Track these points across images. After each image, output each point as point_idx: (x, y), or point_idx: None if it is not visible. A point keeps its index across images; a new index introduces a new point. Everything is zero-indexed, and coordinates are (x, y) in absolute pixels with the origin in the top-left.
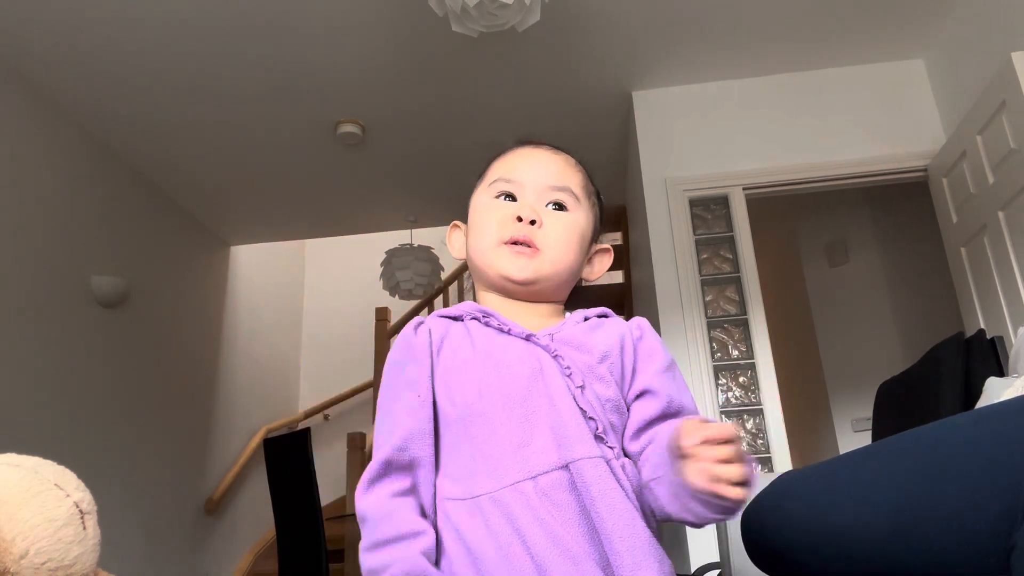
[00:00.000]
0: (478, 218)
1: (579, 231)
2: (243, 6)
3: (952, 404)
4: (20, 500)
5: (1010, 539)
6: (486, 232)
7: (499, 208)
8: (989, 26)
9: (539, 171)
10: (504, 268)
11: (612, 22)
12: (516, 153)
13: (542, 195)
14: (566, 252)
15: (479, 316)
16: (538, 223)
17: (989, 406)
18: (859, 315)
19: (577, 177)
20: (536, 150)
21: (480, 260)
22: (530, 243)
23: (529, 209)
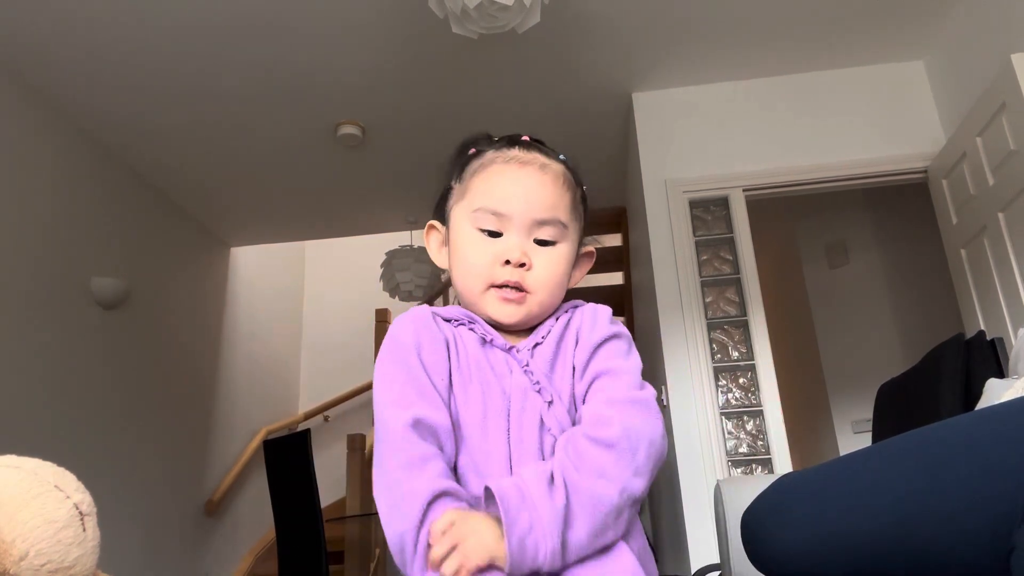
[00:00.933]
0: (462, 251)
1: (566, 262)
2: (243, 8)
3: (952, 405)
4: (20, 502)
5: (1010, 540)
6: (472, 271)
7: (485, 246)
8: (989, 27)
9: (527, 204)
10: (494, 313)
11: (612, 24)
12: (502, 171)
13: (529, 231)
14: (554, 289)
15: (466, 322)
16: (527, 265)
17: (989, 407)
18: (859, 316)
19: (566, 199)
20: (523, 170)
21: (468, 298)
22: (520, 286)
23: (518, 250)
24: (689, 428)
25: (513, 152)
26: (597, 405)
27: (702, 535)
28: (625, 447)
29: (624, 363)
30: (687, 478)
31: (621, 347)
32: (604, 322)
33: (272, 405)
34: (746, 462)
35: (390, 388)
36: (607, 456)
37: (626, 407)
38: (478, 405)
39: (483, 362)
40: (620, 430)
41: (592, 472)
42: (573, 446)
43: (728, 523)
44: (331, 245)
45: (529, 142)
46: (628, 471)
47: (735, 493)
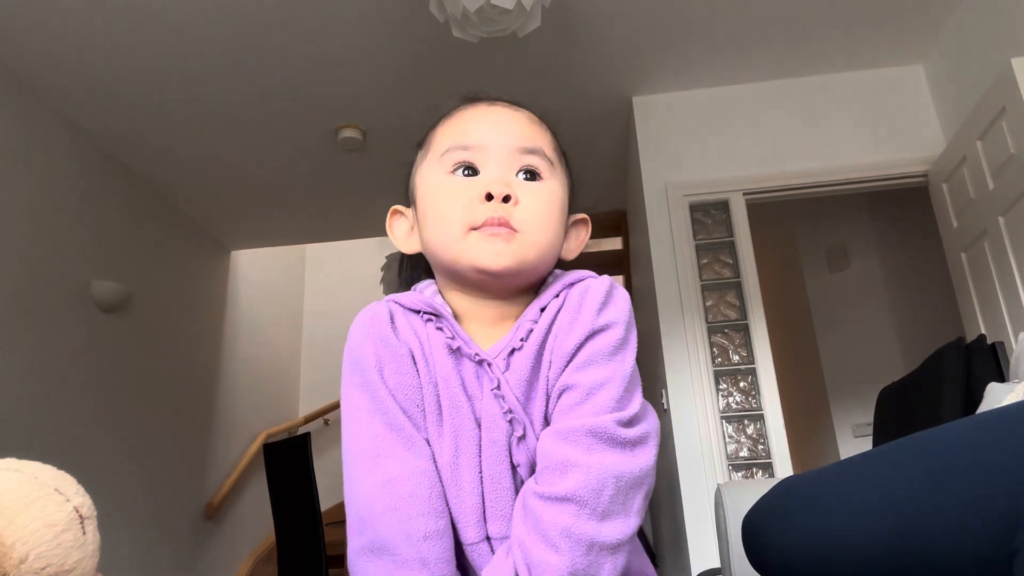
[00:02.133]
0: (433, 201)
1: (559, 203)
2: (243, 11)
3: (953, 409)
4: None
5: (1012, 544)
6: (448, 218)
7: (460, 186)
8: (989, 31)
9: (503, 131)
10: (478, 258)
11: (612, 27)
12: (468, 112)
13: (511, 161)
14: (548, 230)
15: (432, 318)
16: (512, 199)
17: (990, 411)
18: (860, 320)
19: (547, 136)
20: (492, 107)
21: (446, 254)
22: (506, 223)
23: (500, 183)
24: (689, 432)
25: (482, 100)
26: (550, 442)
27: (703, 539)
28: (584, 495)
29: (600, 370)
30: (687, 482)
31: (603, 345)
32: (591, 309)
33: (272, 408)
34: (747, 466)
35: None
36: (564, 513)
37: (584, 441)
38: (450, 439)
39: (452, 378)
40: (578, 477)
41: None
42: (528, 510)
43: (729, 527)
44: (331, 248)
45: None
46: (593, 520)
47: (736, 497)
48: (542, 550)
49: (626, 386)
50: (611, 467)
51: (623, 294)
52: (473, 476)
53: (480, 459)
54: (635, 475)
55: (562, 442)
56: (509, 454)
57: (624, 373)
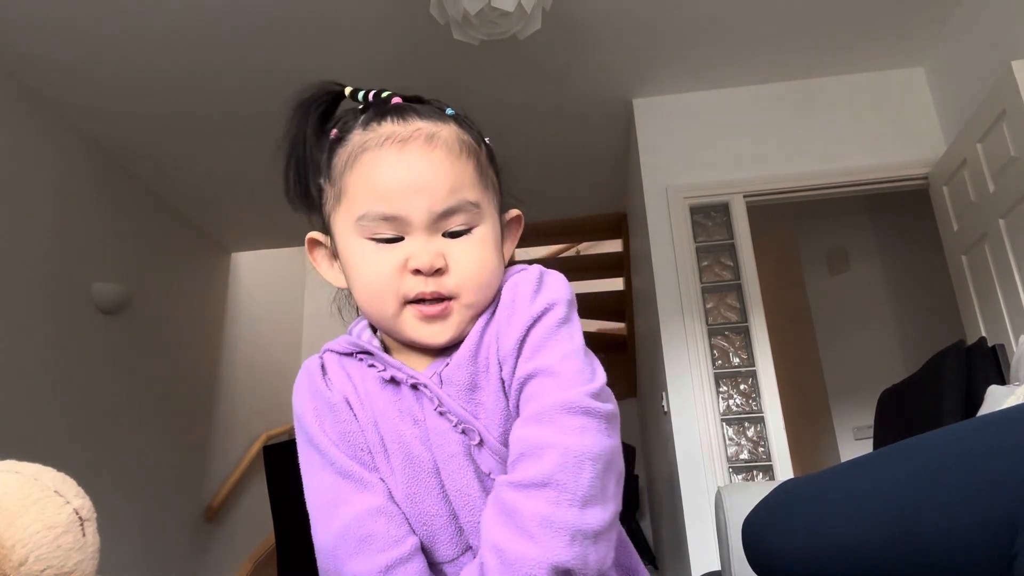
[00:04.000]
0: (357, 270)
1: (491, 242)
2: (245, 14)
3: (953, 412)
4: (19, 507)
5: (1011, 548)
6: (379, 293)
7: (384, 258)
8: (989, 34)
9: (421, 196)
10: (417, 337)
11: (613, 30)
12: (378, 159)
13: (435, 227)
14: (485, 282)
15: (362, 357)
16: (444, 269)
17: (990, 414)
18: (860, 323)
19: (469, 170)
20: (404, 151)
21: (382, 325)
22: (440, 296)
23: (427, 255)
24: (690, 434)
25: (386, 127)
26: (522, 428)
27: (703, 542)
28: (562, 479)
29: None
30: (688, 484)
31: (547, 327)
32: (525, 299)
33: (272, 410)
34: (747, 468)
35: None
36: (542, 501)
37: (558, 419)
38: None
39: (390, 412)
40: (554, 458)
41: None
42: (502, 504)
43: (729, 530)
44: None
45: (402, 105)
46: (575, 507)
47: (736, 500)
48: (518, 543)
49: (584, 361)
50: (588, 447)
51: (556, 276)
52: (435, 497)
53: (440, 478)
54: (609, 454)
55: (534, 424)
56: (473, 464)
57: (577, 347)
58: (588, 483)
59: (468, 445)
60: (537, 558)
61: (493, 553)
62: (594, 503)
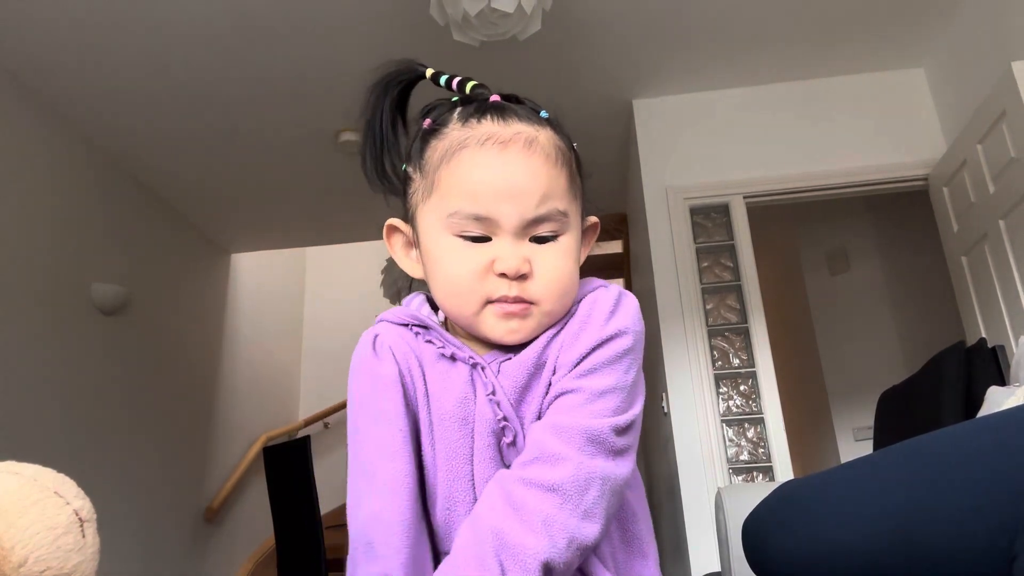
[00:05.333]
0: (442, 265)
1: (573, 254)
2: (244, 15)
3: (953, 413)
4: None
5: (1012, 549)
6: (462, 290)
7: (471, 256)
8: (989, 35)
9: (516, 201)
10: (493, 334)
11: (613, 31)
12: (478, 162)
13: (524, 232)
14: (565, 291)
15: (420, 331)
16: (528, 275)
17: (990, 415)
18: (860, 324)
19: (562, 179)
20: (504, 154)
21: (460, 321)
22: (521, 300)
23: (514, 259)
24: (690, 435)
25: (486, 127)
26: (542, 431)
27: (703, 543)
28: (571, 489)
29: (605, 377)
30: (688, 486)
31: (611, 353)
32: (599, 319)
33: (272, 411)
34: (747, 469)
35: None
36: (549, 503)
37: (577, 440)
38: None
39: (444, 388)
40: (568, 469)
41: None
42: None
43: (729, 531)
44: (332, 251)
45: (502, 104)
46: (575, 517)
47: (736, 501)
48: (520, 534)
49: (627, 395)
50: (600, 469)
51: (632, 302)
52: (465, 484)
53: (472, 465)
54: (618, 482)
55: (556, 437)
56: (500, 459)
57: (627, 382)
58: (592, 500)
59: (501, 440)
60: (535, 550)
61: (491, 535)
62: (592, 519)
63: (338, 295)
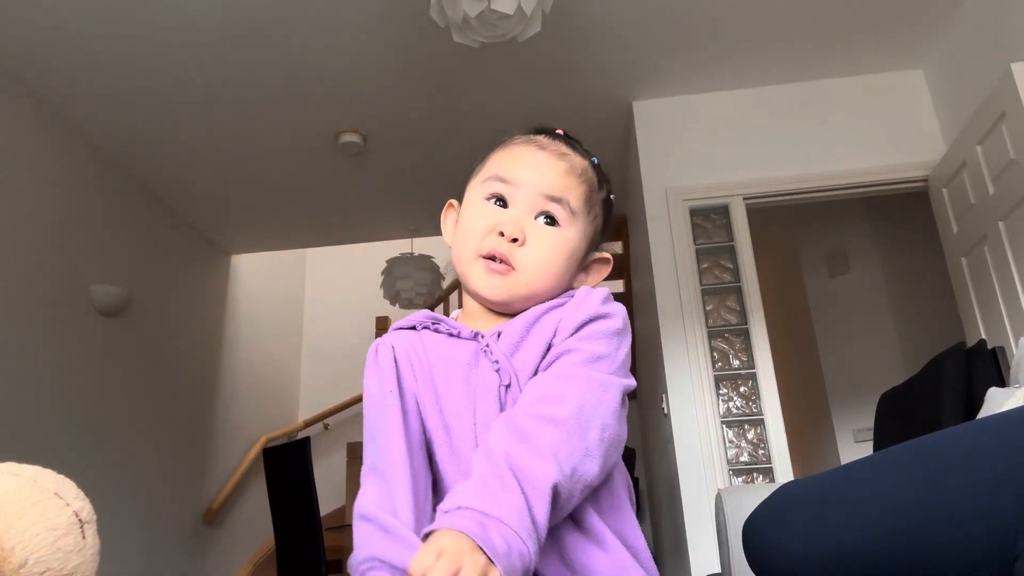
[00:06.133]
0: (465, 217)
1: (568, 249)
2: (244, 16)
3: (953, 414)
4: (19, 509)
5: (1013, 550)
6: (468, 239)
7: (486, 214)
8: (989, 37)
9: (536, 176)
10: (476, 285)
11: (613, 33)
12: (520, 149)
13: (534, 204)
14: (547, 273)
15: (429, 324)
16: (520, 240)
17: (991, 416)
18: (860, 325)
19: (579, 188)
20: (542, 151)
21: (458, 267)
22: (506, 260)
23: (513, 224)
24: (690, 437)
25: (538, 137)
26: (548, 378)
27: (703, 544)
28: (575, 425)
29: (600, 345)
30: (688, 487)
31: (604, 327)
32: (594, 302)
33: (272, 413)
34: (747, 471)
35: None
36: (556, 434)
37: (582, 383)
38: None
39: (445, 359)
40: (572, 407)
41: (542, 455)
42: (516, 428)
43: (729, 532)
44: (332, 253)
45: (556, 132)
46: (579, 452)
47: (736, 502)
48: (531, 459)
49: (619, 368)
50: (600, 415)
51: (621, 305)
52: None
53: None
54: (615, 436)
55: (561, 380)
56: (500, 404)
57: (618, 357)
58: (593, 441)
59: (500, 385)
60: (544, 474)
61: (504, 459)
62: (592, 458)
63: (338, 296)
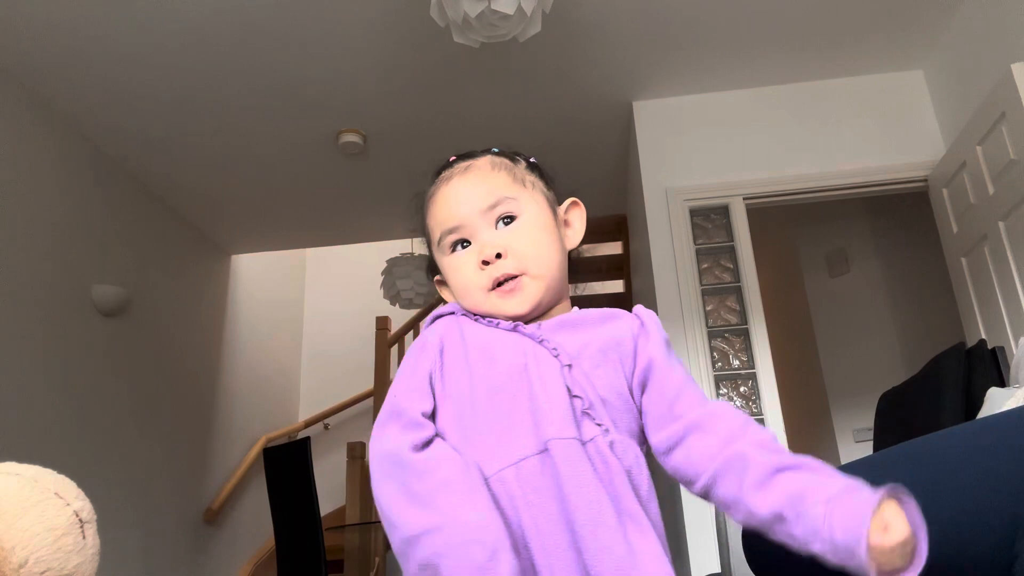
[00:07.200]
0: (452, 279)
1: (539, 225)
2: (245, 17)
3: (953, 414)
4: (20, 509)
5: (1012, 549)
6: (468, 289)
7: (462, 261)
8: (989, 37)
9: (466, 204)
10: (503, 309)
11: (613, 33)
12: (437, 198)
13: (486, 221)
14: (543, 257)
15: (467, 313)
16: (503, 253)
17: (991, 416)
18: (860, 325)
19: (501, 178)
20: (450, 184)
21: (481, 311)
22: (508, 275)
23: (487, 247)
24: None
25: (441, 176)
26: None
27: (703, 543)
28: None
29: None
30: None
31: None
32: (655, 322)
33: (272, 413)
34: None
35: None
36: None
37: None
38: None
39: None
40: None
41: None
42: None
43: (729, 531)
44: (332, 252)
45: (455, 160)
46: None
47: None
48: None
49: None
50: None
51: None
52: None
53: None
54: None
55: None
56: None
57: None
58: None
59: (558, 366)
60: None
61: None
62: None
63: (338, 296)
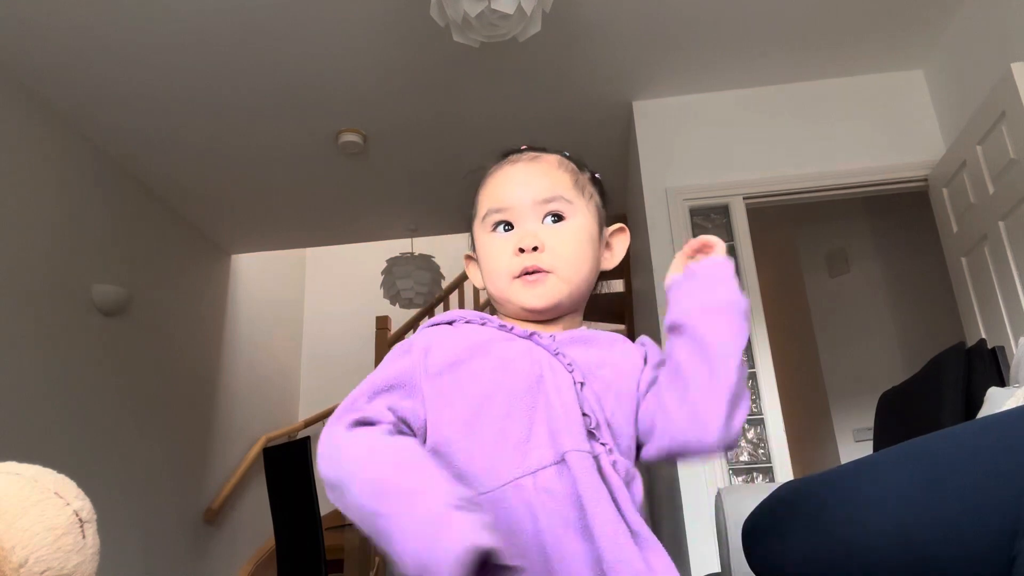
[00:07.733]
0: (484, 256)
1: (584, 234)
2: (245, 17)
3: (953, 414)
4: (20, 509)
5: (1012, 549)
6: (496, 270)
7: (500, 243)
8: (989, 36)
9: (523, 190)
10: (522, 301)
11: (613, 32)
12: (497, 176)
13: (535, 213)
14: (577, 263)
15: (475, 320)
16: (540, 247)
17: (991, 416)
18: (860, 325)
19: (564, 177)
20: (515, 166)
21: (499, 296)
22: (538, 268)
23: (527, 236)
24: None
25: (508, 157)
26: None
27: (703, 544)
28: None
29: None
30: (688, 486)
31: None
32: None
33: (272, 412)
34: (747, 471)
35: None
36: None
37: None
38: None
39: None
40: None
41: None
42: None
43: (729, 532)
44: (332, 252)
45: (526, 148)
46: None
47: (736, 502)
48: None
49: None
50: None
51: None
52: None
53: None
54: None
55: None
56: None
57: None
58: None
59: (574, 382)
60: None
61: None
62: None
63: (338, 296)
